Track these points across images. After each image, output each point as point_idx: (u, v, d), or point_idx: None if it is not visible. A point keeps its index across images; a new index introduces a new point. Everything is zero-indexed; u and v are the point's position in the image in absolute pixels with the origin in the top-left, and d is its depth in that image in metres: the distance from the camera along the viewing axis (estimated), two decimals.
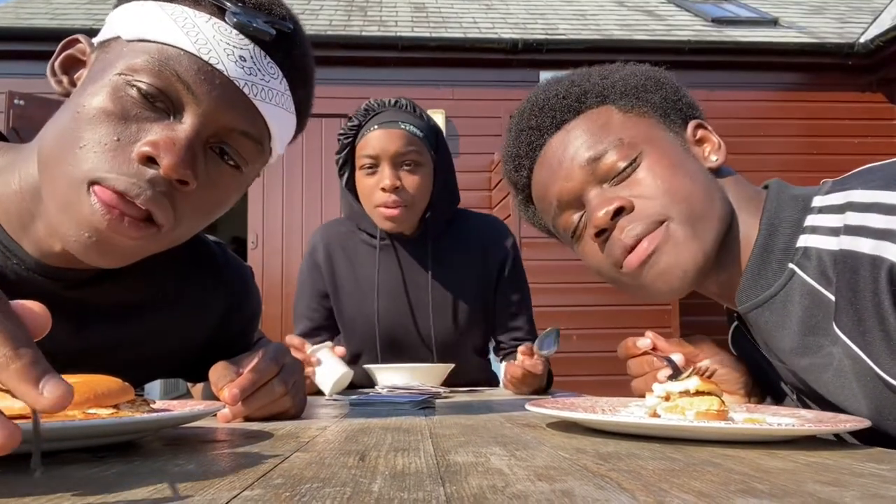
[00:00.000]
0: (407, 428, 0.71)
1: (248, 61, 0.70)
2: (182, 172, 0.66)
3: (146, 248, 0.70)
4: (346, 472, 0.45)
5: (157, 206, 0.66)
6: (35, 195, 0.71)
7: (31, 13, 5.92)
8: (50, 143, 0.68)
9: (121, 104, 0.65)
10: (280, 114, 0.75)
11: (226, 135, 0.71)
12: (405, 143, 1.42)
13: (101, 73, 0.68)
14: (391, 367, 1.41)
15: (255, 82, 0.70)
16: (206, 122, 0.68)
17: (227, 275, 0.95)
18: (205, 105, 0.67)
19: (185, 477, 0.43)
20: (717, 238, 0.79)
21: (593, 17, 6.58)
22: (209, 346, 0.94)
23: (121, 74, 0.66)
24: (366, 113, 1.47)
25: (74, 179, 0.64)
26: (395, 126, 1.43)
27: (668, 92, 0.88)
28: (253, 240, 5.49)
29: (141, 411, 0.58)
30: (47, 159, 0.67)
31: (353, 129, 1.48)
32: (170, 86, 0.66)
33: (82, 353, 0.77)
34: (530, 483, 0.41)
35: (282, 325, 5.32)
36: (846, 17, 6.66)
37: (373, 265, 1.54)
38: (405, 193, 1.43)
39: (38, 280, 0.73)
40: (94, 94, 0.66)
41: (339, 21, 6.13)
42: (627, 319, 4.46)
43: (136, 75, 0.66)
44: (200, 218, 0.73)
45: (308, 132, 5.72)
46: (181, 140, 0.66)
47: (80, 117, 0.66)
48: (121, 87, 0.66)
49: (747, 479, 0.43)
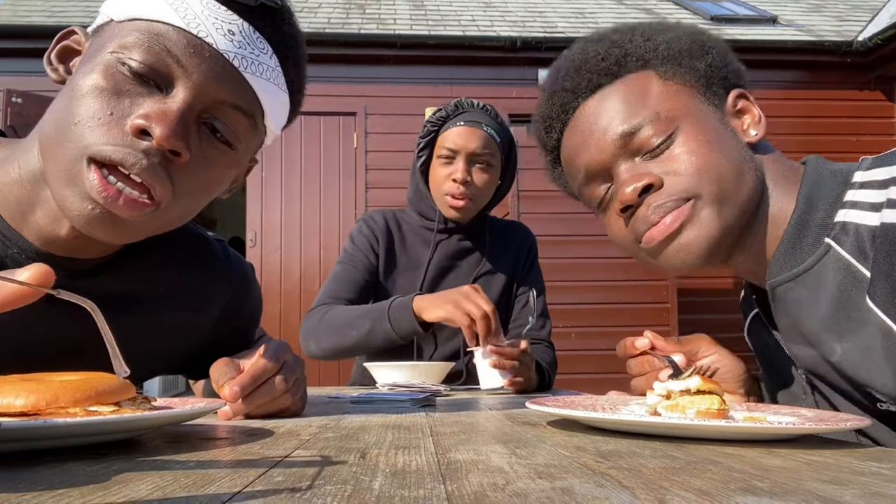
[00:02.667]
0: (407, 426, 0.71)
1: (236, 35, 0.70)
2: (174, 143, 0.66)
3: (148, 224, 0.71)
4: (346, 469, 0.45)
5: (153, 177, 0.67)
6: (35, 183, 0.72)
7: (28, 10, 5.91)
8: (49, 125, 0.69)
9: (113, 80, 0.67)
10: (272, 89, 0.75)
11: (217, 109, 0.72)
12: (483, 145, 1.54)
13: (94, 54, 0.69)
14: (391, 365, 1.41)
15: (245, 55, 0.71)
16: (197, 95, 0.69)
17: (229, 271, 0.95)
18: (195, 78, 0.68)
19: (186, 474, 0.43)
20: (742, 217, 0.78)
21: (592, 14, 6.58)
22: (210, 342, 0.94)
23: (113, 53, 0.67)
24: (455, 108, 1.59)
25: (73, 155, 0.66)
26: (479, 126, 1.55)
27: (715, 58, 0.85)
28: (251, 237, 5.48)
29: (142, 409, 0.58)
30: (47, 140, 0.69)
31: (441, 119, 1.59)
32: (160, 61, 0.67)
33: (82, 344, 0.77)
34: (531, 481, 0.41)
35: (280, 323, 5.32)
36: (844, 15, 6.66)
37: (423, 248, 1.63)
38: (473, 188, 1.55)
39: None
40: (88, 74, 0.67)
41: (338, 19, 6.12)
42: (626, 317, 4.47)
43: (127, 52, 0.67)
44: (197, 195, 0.74)
45: (307, 130, 5.74)
46: (173, 112, 0.67)
47: (74, 95, 0.67)
48: (112, 65, 0.67)
49: (748, 477, 0.43)
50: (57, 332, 0.75)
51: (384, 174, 5.49)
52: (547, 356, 1.57)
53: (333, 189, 5.58)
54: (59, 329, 0.75)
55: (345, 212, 5.55)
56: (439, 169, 1.58)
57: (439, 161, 1.58)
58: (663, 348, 0.89)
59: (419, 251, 1.65)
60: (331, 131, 5.60)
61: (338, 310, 1.47)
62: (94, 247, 0.77)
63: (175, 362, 0.95)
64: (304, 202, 5.54)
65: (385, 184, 5.45)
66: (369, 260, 1.61)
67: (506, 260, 1.69)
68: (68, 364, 0.71)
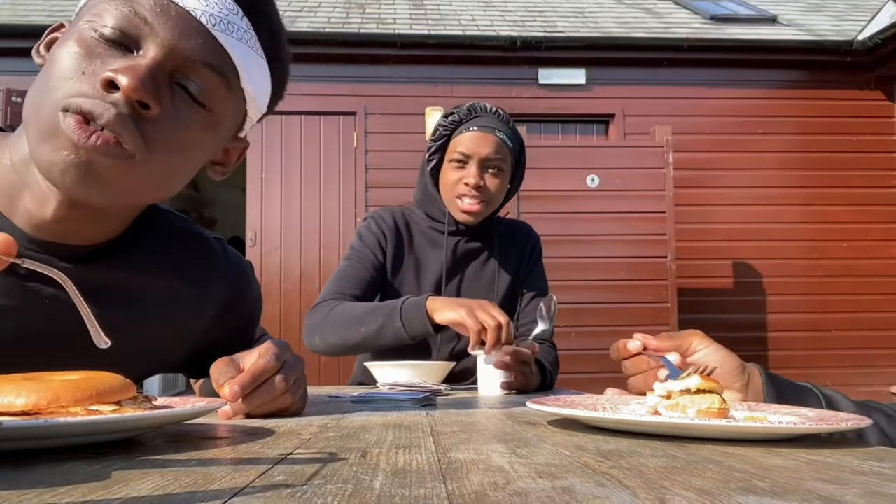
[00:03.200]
0: (408, 425, 0.71)
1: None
2: (142, 94, 0.67)
3: (127, 180, 0.71)
4: (347, 469, 0.45)
5: (122, 126, 0.67)
6: (25, 166, 0.73)
7: (28, 10, 5.91)
8: (28, 100, 0.71)
9: (85, 45, 0.69)
10: (244, 50, 0.75)
11: (188, 68, 0.72)
12: (496, 150, 1.56)
13: (70, 30, 0.72)
14: (392, 365, 1.41)
15: (213, 13, 0.72)
16: (167, 53, 0.70)
17: (227, 269, 0.95)
18: (162, 35, 0.69)
19: (186, 473, 0.43)
20: None
21: (592, 14, 6.58)
22: (209, 341, 0.94)
23: (86, 22, 0.69)
24: (468, 112, 1.60)
25: (49, 111, 0.67)
26: (492, 132, 1.56)
27: None
28: (251, 237, 5.48)
29: (143, 408, 0.58)
30: (28, 112, 0.70)
31: (454, 123, 1.60)
32: (129, 23, 0.69)
33: (78, 333, 0.77)
34: (531, 480, 0.41)
35: (280, 322, 5.32)
36: (844, 14, 6.66)
37: (433, 251, 1.65)
38: (486, 192, 1.57)
39: (32, 254, 0.74)
40: (62, 44, 0.70)
41: (338, 18, 6.12)
42: (626, 317, 4.47)
43: (99, 20, 0.69)
44: (172, 152, 0.74)
45: (306, 129, 5.74)
46: (141, 66, 0.68)
47: (50, 64, 0.70)
48: (85, 32, 0.69)
49: (748, 476, 0.43)
50: (48, 321, 0.76)
51: (384, 174, 5.49)
52: (549, 356, 1.57)
53: (333, 188, 5.57)
54: (50, 316, 0.75)
55: (345, 211, 5.55)
56: (451, 173, 1.58)
57: (451, 165, 1.58)
58: (656, 347, 0.88)
59: (426, 252, 1.66)
60: (330, 131, 5.60)
61: (345, 305, 1.45)
62: (85, 233, 0.77)
63: (174, 361, 0.95)
64: (303, 202, 5.54)
65: (385, 183, 5.45)
66: (377, 258, 1.61)
67: (511, 260, 1.70)
68: (66, 357, 0.71)
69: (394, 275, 1.62)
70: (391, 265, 1.62)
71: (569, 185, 4.54)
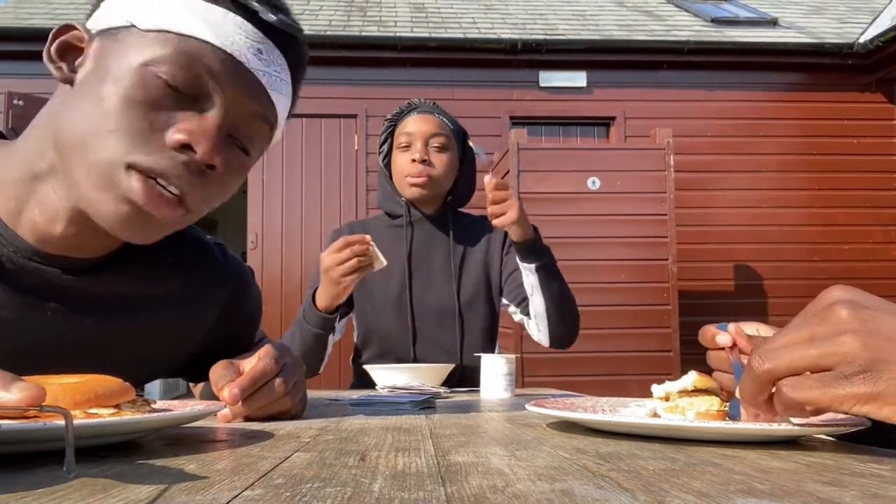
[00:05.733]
0: (407, 428, 0.71)
1: (263, 54, 0.74)
2: (216, 159, 0.70)
3: (176, 225, 0.75)
4: (346, 472, 0.45)
5: (191, 189, 0.70)
6: (34, 180, 0.72)
7: (30, 13, 5.92)
8: (74, 130, 0.69)
9: (149, 93, 0.68)
10: (285, 102, 0.80)
11: (247, 126, 0.75)
12: (437, 127, 1.68)
13: (118, 61, 0.69)
14: (391, 367, 1.41)
15: (270, 73, 0.75)
16: (231, 110, 0.72)
17: (228, 273, 0.95)
18: (230, 95, 0.72)
19: (185, 477, 0.43)
20: None
21: (592, 17, 6.58)
22: (209, 345, 0.94)
23: (147, 66, 0.68)
24: (408, 105, 1.76)
25: (111, 162, 0.67)
26: (431, 114, 1.71)
27: None
28: (252, 240, 5.49)
29: (142, 411, 0.58)
30: (73, 145, 0.69)
31: (395, 116, 1.75)
32: (198, 77, 0.69)
33: (80, 344, 0.77)
34: (531, 483, 0.41)
35: (281, 325, 5.32)
36: (845, 17, 6.67)
37: (396, 244, 1.72)
38: (432, 168, 1.67)
39: (35, 267, 0.74)
40: (119, 83, 0.67)
41: (339, 21, 6.13)
42: (627, 319, 4.46)
43: (162, 66, 0.68)
44: (217, 200, 0.78)
45: (308, 132, 5.75)
46: (213, 128, 0.70)
47: (107, 105, 0.67)
48: (148, 78, 0.68)
49: (748, 479, 0.43)
50: (53, 331, 0.76)
51: None
52: None
53: (334, 191, 5.58)
54: (55, 327, 0.75)
55: (346, 214, 5.55)
56: (399, 157, 1.69)
57: (399, 150, 1.69)
58: (745, 348, 0.81)
59: (389, 248, 1.71)
60: (332, 133, 5.61)
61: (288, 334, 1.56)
62: (89, 246, 0.77)
63: (174, 365, 0.95)
64: (305, 204, 5.55)
65: None
66: None
67: (479, 246, 1.75)
68: (67, 370, 0.71)
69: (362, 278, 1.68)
70: None
71: (570, 187, 4.53)
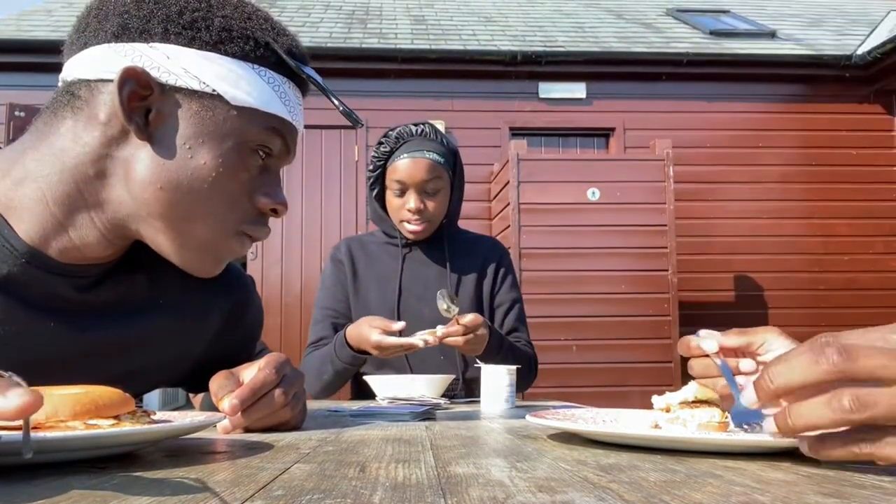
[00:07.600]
0: (407, 439, 0.71)
1: (301, 107, 0.84)
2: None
3: None
4: (346, 483, 0.45)
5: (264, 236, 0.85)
6: (71, 211, 0.73)
7: (32, 25, 5.95)
8: (169, 195, 0.74)
9: (251, 171, 0.78)
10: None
11: None
12: (429, 172, 1.64)
13: (219, 135, 0.74)
14: (391, 378, 1.41)
15: (301, 121, 0.84)
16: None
17: (229, 284, 0.95)
18: (292, 157, 0.84)
19: (185, 488, 0.43)
20: None
21: (592, 29, 6.62)
22: (210, 355, 0.94)
23: (247, 143, 0.76)
24: (396, 140, 1.68)
25: (220, 231, 0.78)
26: (422, 155, 1.64)
27: None
28: (252, 251, 5.48)
29: (141, 422, 0.57)
30: (172, 210, 0.74)
31: (385, 154, 1.69)
32: (283, 154, 0.82)
33: (84, 354, 0.77)
34: (531, 495, 0.41)
35: (281, 335, 5.31)
36: (843, 29, 6.70)
37: (392, 262, 1.74)
38: (427, 213, 1.66)
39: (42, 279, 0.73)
40: (227, 158, 0.75)
41: (340, 33, 6.16)
42: (627, 330, 4.45)
43: (262, 145, 0.78)
44: None
45: (308, 143, 5.76)
46: (281, 189, 0.83)
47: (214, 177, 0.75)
48: (250, 155, 0.77)
49: (749, 490, 0.43)
50: (60, 341, 0.76)
51: None
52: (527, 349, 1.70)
53: (334, 202, 5.59)
54: (61, 336, 0.75)
55: (346, 225, 5.56)
56: (394, 200, 1.68)
57: (392, 193, 1.68)
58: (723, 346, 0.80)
59: (387, 265, 1.75)
60: (332, 144, 5.62)
61: (309, 358, 1.63)
62: (102, 256, 0.77)
63: (175, 375, 0.95)
64: (305, 215, 5.55)
65: None
66: (343, 292, 1.73)
67: (472, 267, 1.76)
68: (69, 381, 0.71)
69: (360, 293, 1.73)
70: (353, 287, 1.73)
71: (569, 198, 4.54)
